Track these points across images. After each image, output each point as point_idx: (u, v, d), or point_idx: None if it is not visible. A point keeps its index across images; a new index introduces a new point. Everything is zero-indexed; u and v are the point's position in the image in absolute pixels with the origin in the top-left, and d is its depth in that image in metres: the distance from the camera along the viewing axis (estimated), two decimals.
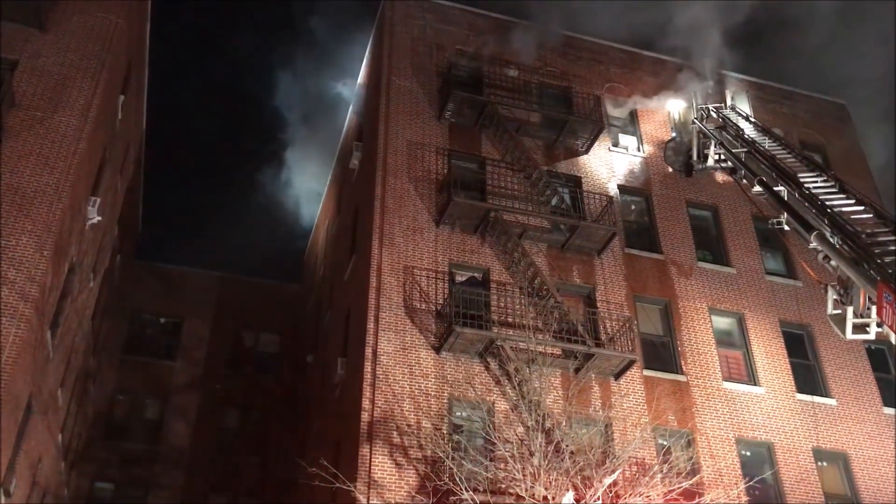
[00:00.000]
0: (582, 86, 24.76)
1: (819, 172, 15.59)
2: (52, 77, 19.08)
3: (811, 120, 27.82)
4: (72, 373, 22.50)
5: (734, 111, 21.94)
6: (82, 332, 23.13)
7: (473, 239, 20.38)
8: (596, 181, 22.90)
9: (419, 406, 17.33)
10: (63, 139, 18.29)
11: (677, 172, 22.74)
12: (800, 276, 22.82)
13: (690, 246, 22.71)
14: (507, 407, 17.61)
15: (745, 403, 20.11)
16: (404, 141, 21.56)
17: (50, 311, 18.07)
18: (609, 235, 20.89)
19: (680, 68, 25.98)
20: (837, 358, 21.69)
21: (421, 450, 16.64)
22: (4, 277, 16.21)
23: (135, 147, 27.13)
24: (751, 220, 23.56)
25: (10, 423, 16.29)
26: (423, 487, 16.06)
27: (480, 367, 18.26)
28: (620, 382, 19.15)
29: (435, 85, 22.99)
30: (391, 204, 20.29)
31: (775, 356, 21.26)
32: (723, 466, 18.67)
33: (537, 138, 23.02)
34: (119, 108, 22.37)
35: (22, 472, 18.08)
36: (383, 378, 17.52)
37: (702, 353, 20.65)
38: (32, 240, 16.83)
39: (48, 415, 20.05)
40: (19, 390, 16.52)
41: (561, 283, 20.31)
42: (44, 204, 17.33)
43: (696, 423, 19.35)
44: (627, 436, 17.88)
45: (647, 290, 21.38)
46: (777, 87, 28.17)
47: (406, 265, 19.36)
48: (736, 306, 21.93)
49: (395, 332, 18.27)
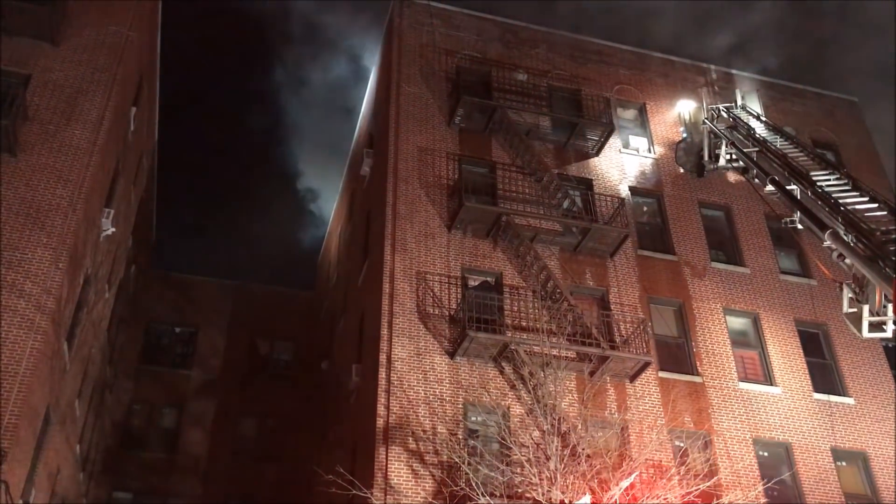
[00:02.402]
0: (591, 88, 24.75)
1: (832, 170, 15.50)
2: (65, 91, 19.25)
3: (823, 117, 27.67)
4: (88, 383, 22.64)
5: (745, 110, 21.88)
6: (98, 343, 23.28)
7: (485, 243, 20.38)
8: (607, 183, 22.87)
9: (434, 411, 17.33)
10: (76, 152, 18.44)
11: (689, 173, 22.66)
12: (814, 274, 22.68)
13: (704, 246, 22.63)
14: (522, 411, 17.58)
15: (762, 404, 20.01)
16: (415, 147, 21.60)
17: (66, 323, 18.21)
18: (621, 237, 20.85)
19: (689, 68, 25.92)
20: (854, 357, 21.54)
21: (437, 455, 16.63)
22: (21, 290, 16.36)
23: (147, 158, 27.32)
24: (764, 219, 23.46)
25: (29, 434, 16.41)
26: (439, 493, 16.05)
27: (495, 371, 18.25)
28: (636, 385, 19.09)
29: (444, 90, 23.04)
30: (403, 210, 20.33)
31: (791, 356, 21.14)
32: (740, 468, 18.56)
33: (547, 141, 23.02)
34: (131, 120, 22.53)
35: (41, 483, 18.20)
36: (398, 384, 17.54)
37: (717, 354, 20.56)
38: (48, 252, 16.97)
39: (66, 425, 20.18)
40: (37, 402, 16.65)
41: (574, 285, 20.28)
42: (58, 216, 17.48)
43: (713, 424, 19.26)
44: (644, 438, 17.83)
45: (661, 292, 21.31)
46: (788, 86, 28.06)
47: (419, 271, 19.39)
48: (751, 306, 21.82)
49: (408, 337, 18.30)
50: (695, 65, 26.94)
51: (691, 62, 27.00)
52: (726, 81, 26.72)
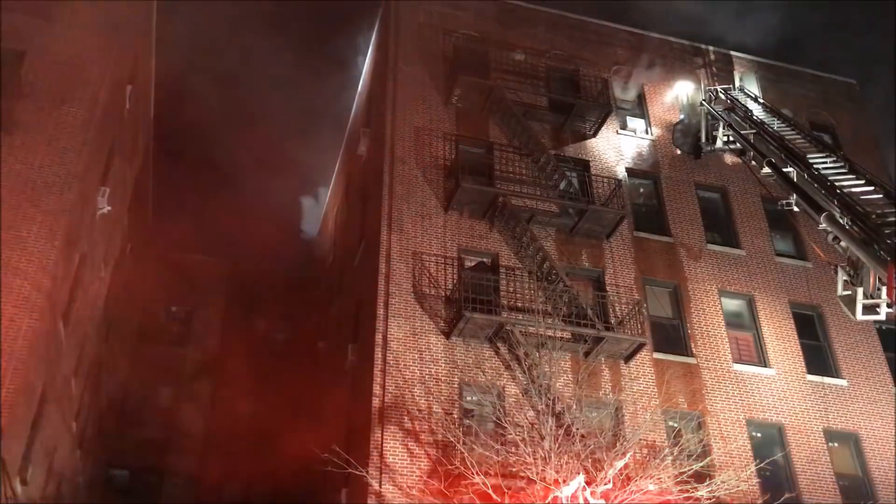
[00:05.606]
0: (589, 69, 24.64)
1: (828, 153, 15.54)
2: (60, 68, 19.11)
3: (820, 100, 27.62)
4: (85, 362, 22.68)
5: (743, 92, 21.87)
6: (94, 322, 23.29)
7: (482, 224, 20.38)
8: (604, 164, 22.85)
9: (430, 391, 17.41)
10: (71, 130, 18.34)
11: (686, 155, 22.65)
12: (810, 257, 22.74)
13: (699, 228, 22.65)
14: (517, 391, 17.67)
15: (756, 385, 20.12)
16: (412, 127, 21.53)
17: (62, 301, 18.21)
18: (618, 219, 20.86)
19: (688, 49, 25.82)
20: (848, 339, 21.65)
21: (432, 434, 16.73)
22: (17, 268, 16.33)
23: (143, 136, 27.19)
24: (760, 201, 23.47)
25: (26, 412, 16.47)
26: (434, 472, 16.15)
27: (490, 351, 18.31)
28: (630, 365, 19.18)
29: (442, 70, 22.92)
30: (399, 190, 20.30)
31: (785, 338, 21.23)
32: (733, 448, 18.68)
33: (545, 122, 22.96)
34: (127, 98, 22.40)
35: (38, 461, 18.28)
36: (394, 364, 17.60)
37: (712, 336, 20.65)
38: (43, 230, 16.93)
39: (62, 404, 20.24)
40: (33, 379, 16.69)
41: (570, 267, 20.32)
42: (53, 194, 17.42)
43: (707, 405, 19.37)
44: (638, 419, 17.94)
45: (657, 273, 21.37)
46: (786, 68, 27.96)
47: (415, 251, 19.39)
48: (746, 288, 21.89)
49: (404, 317, 18.34)
50: (693, 46, 26.82)
51: (690, 43, 26.86)
52: (724, 63, 26.62)
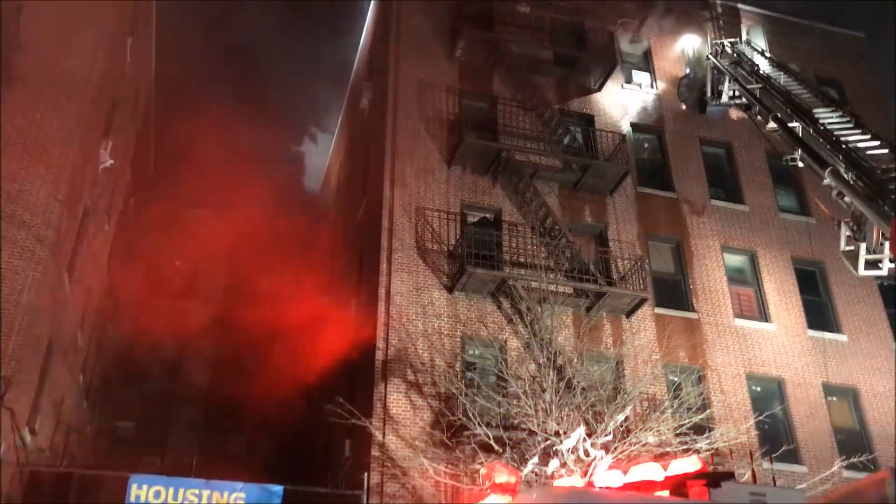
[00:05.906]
0: (595, 22, 24.31)
1: (834, 108, 15.37)
2: (60, 20, 18.90)
3: (827, 54, 27.29)
4: (90, 315, 22.84)
5: (749, 46, 21.57)
6: (99, 275, 23.40)
7: (485, 179, 20.32)
8: (608, 119, 22.69)
9: (433, 345, 17.55)
10: (72, 82, 18.18)
11: (691, 109, 22.47)
12: (813, 212, 22.70)
13: (703, 184, 22.58)
14: (519, 345, 17.81)
15: (757, 340, 20.25)
16: (415, 80, 21.35)
17: (66, 254, 18.26)
18: (621, 174, 20.79)
19: (694, 2, 25.44)
20: (849, 295, 21.73)
21: (435, 387, 16.92)
22: (20, 221, 16.36)
23: (145, 89, 27.00)
24: (764, 156, 23.34)
25: (33, 363, 16.63)
26: (437, 423, 16.37)
27: (493, 306, 18.41)
28: (632, 320, 19.28)
29: (445, 22, 22.63)
30: (402, 145, 20.21)
31: (787, 293, 21.31)
32: (733, 402, 18.90)
33: (549, 76, 22.74)
34: (128, 51, 22.19)
35: (46, 412, 18.50)
36: (397, 318, 17.72)
37: (713, 291, 20.72)
38: (46, 184, 16.89)
39: (68, 356, 20.42)
40: (40, 332, 16.82)
41: (573, 222, 20.32)
42: (55, 148, 17.33)
43: (707, 359, 19.53)
44: (638, 372, 18.10)
45: (660, 229, 21.37)
46: (793, 21, 27.59)
47: (418, 206, 19.38)
48: (748, 244, 21.90)
49: (408, 272, 18.41)
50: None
51: None
52: (732, 16, 26.25)
